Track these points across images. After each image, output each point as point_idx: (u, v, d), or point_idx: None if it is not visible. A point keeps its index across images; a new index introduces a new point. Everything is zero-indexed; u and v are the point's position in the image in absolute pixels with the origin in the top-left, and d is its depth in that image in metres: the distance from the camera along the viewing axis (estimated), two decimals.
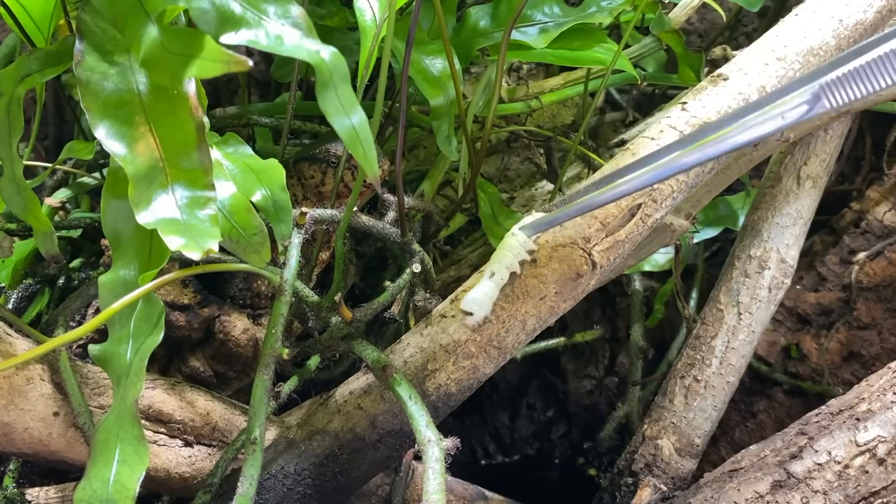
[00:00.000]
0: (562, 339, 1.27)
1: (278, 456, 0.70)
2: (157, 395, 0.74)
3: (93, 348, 0.59)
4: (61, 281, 0.93)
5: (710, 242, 1.29)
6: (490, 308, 0.61)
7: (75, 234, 1.01)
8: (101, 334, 0.75)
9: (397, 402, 0.62)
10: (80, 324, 0.85)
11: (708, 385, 0.93)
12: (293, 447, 0.71)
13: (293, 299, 0.67)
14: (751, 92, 0.75)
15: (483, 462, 1.39)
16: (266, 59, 1.22)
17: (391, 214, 0.83)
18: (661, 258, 1.17)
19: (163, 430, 0.73)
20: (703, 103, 0.75)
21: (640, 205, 0.71)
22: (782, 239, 0.97)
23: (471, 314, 0.59)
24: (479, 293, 0.60)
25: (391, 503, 0.81)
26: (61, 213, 1.02)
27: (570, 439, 1.39)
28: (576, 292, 0.69)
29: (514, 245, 0.64)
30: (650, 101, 1.34)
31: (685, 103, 0.76)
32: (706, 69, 1.03)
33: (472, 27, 0.92)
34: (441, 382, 0.68)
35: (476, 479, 0.94)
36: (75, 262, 0.98)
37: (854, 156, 1.29)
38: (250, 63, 0.44)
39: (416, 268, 0.77)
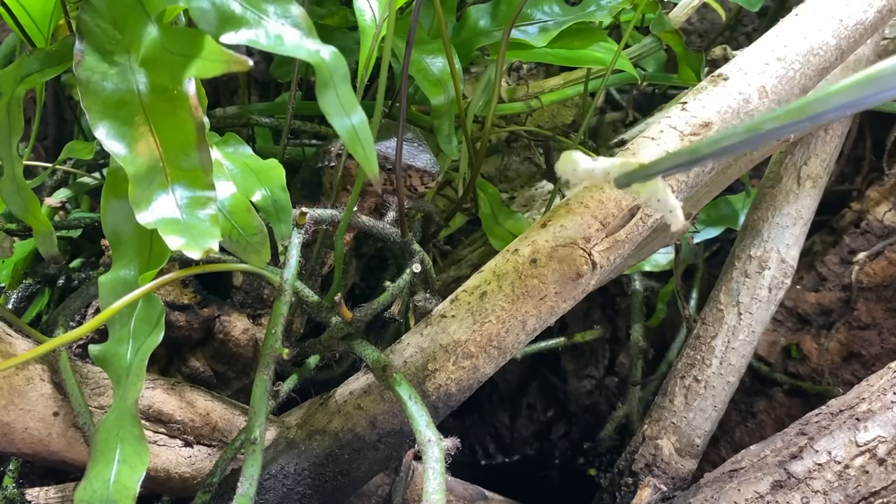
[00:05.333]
0: (562, 339, 1.27)
1: (278, 456, 0.70)
2: (157, 395, 0.74)
3: (93, 348, 0.59)
4: (61, 281, 0.93)
5: (710, 242, 1.29)
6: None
7: (75, 234, 1.01)
8: (101, 334, 0.75)
9: (397, 402, 0.62)
10: (80, 324, 0.85)
11: (708, 385, 0.93)
12: (293, 447, 0.71)
13: (293, 299, 0.67)
14: (751, 92, 0.75)
15: (483, 462, 1.39)
16: (266, 59, 1.22)
17: (391, 214, 0.83)
18: (661, 258, 1.17)
19: (163, 430, 0.73)
20: (703, 103, 0.75)
21: (640, 205, 0.71)
22: (782, 239, 0.97)
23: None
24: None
25: (391, 503, 0.81)
26: (61, 213, 1.02)
27: (570, 439, 1.39)
28: (576, 292, 0.69)
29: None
30: (650, 101, 1.33)
31: (685, 103, 0.76)
32: (706, 69, 1.03)
33: (473, 26, 0.92)
34: (441, 382, 0.68)
35: (476, 479, 0.94)
36: (75, 262, 0.98)
37: (854, 156, 1.29)
38: (250, 63, 0.44)
39: (416, 268, 0.77)
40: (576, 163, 0.60)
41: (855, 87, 0.37)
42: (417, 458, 0.83)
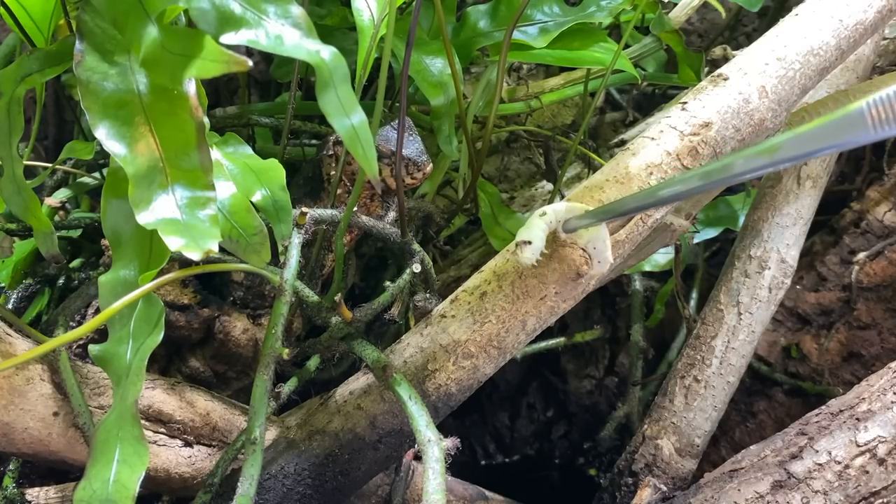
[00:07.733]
0: (562, 339, 1.27)
1: (278, 456, 0.70)
2: (157, 395, 0.74)
3: (93, 348, 0.59)
4: (61, 281, 0.93)
5: (710, 242, 1.29)
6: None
7: (75, 234, 1.01)
8: (101, 334, 0.75)
9: (397, 402, 0.62)
10: (80, 324, 0.85)
11: (708, 385, 0.93)
12: (293, 447, 0.71)
13: (293, 299, 0.67)
14: (751, 92, 0.75)
15: (483, 462, 1.39)
16: (266, 59, 1.22)
17: (391, 214, 0.83)
18: (661, 258, 1.17)
19: (163, 430, 0.73)
20: (703, 103, 0.75)
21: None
22: (782, 239, 0.97)
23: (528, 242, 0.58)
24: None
25: (391, 503, 0.81)
26: (61, 213, 1.02)
27: (570, 439, 1.39)
28: (576, 292, 0.69)
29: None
30: (650, 101, 1.34)
31: (685, 103, 0.76)
32: (706, 69, 1.03)
33: (472, 27, 0.92)
34: (441, 382, 0.68)
35: (476, 479, 0.94)
36: (75, 262, 0.98)
37: (854, 156, 1.29)
38: (250, 63, 0.44)
39: (416, 268, 0.77)
40: (534, 226, 0.61)
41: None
42: (417, 458, 0.83)
